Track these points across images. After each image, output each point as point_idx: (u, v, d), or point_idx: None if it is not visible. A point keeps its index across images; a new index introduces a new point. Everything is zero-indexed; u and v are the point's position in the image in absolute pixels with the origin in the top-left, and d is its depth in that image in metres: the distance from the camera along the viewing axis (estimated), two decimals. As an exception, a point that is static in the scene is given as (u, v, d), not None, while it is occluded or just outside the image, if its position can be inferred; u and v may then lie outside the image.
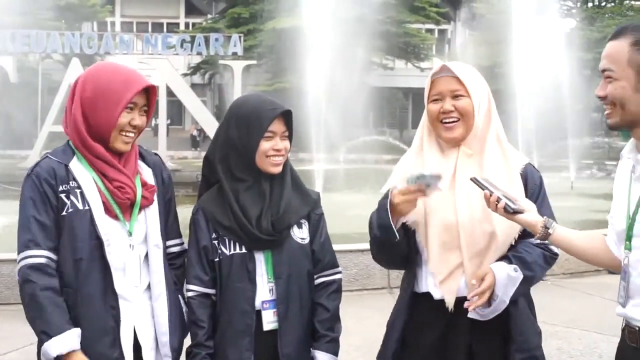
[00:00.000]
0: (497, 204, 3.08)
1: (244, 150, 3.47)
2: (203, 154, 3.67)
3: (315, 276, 3.57)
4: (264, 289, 3.45)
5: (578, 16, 45.29)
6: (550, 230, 3.06)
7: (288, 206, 3.47)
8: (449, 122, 3.36)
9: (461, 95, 3.36)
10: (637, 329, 2.86)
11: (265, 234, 3.41)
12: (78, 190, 3.26)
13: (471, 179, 3.17)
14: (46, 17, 30.94)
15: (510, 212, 3.05)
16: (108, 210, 3.28)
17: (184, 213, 3.70)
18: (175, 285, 3.49)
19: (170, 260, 3.53)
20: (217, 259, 3.45)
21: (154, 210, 3.42)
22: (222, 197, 3.48)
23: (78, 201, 3.25)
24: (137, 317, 3.35)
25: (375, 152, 29.78)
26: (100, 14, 48.00)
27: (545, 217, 3.10)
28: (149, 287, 3.39)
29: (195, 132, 42.84)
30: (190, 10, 56.24)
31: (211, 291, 3.47)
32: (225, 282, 3.44)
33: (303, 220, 3.54)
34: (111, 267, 3.25)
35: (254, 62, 31.81)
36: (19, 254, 3.24)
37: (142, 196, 3.36)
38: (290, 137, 3.54)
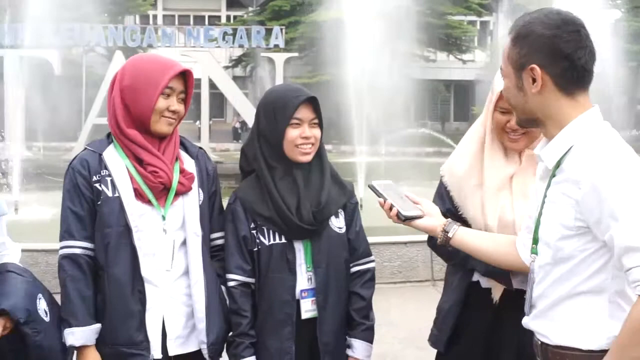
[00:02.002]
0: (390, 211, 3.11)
1: (272, 138, 3.49)
2: (245, 145, 3.68)
3: (350, 265, 3.58)
4: (303, 278, 3.48)
5: (623, 7, 44.64)
6: (450, 234, 3.05)
7: (329, 197, 3.48)
8: (514, 135, 3.36)
9: None
10: (539, 343, 2.72)
11: (306, 224, 3.42)
12: (109, 178, 3.37)
13: (368, 186, 3.23)
14: (89, 10, 31.17)
15: (402, 220, 3.07)
16: (140, 196, 3.36)
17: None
18: (219, 277, 3.51)
19: (215, 252, 3.56)
20: (255, 249, 3.46)
21: (193, 198, 3.46)
22: (260, 186, 3.50)
23: (108, 189, 3.36)
24: (167, 304, 3.40)
25: (416, 144, 29.66)
26: (143, 7, 48.25)
27: (447, 220, 3.08)
28: (185, 274, 3.43)
29: (237, 125, 42.98)
30: (232, 3, 56.40)
31: (251, 280, 3.48)
32: (265, 272, 3.46)
33: (340, 210, 3.55)
34: (139, 253, 3.32)
35: (295, 54, 31.83)
36: (59, 243, 3.42)
37: (179, 182, 3.41)
38: (320, 125, 3.53)
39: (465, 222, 3.42)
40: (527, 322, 2.78)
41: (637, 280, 2.38)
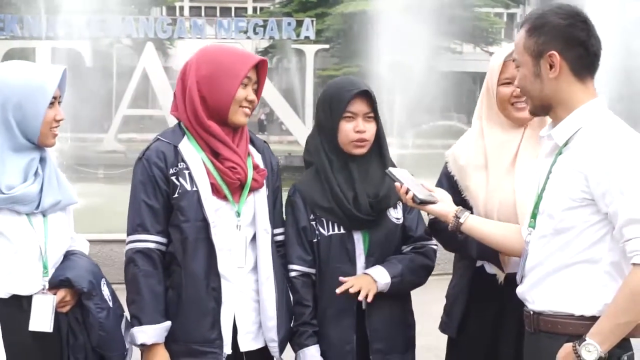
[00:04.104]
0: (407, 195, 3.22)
1: (328, 131, 3.54)
2: (271, 137, 3.73)
3: (405, 246, 3.63)
4: (362, 269, 3.51)
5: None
6: (461, 220, 3.18)
7: (389, 189, 3.48)
8: (520, 104, 3.42)
9: None
10: (532, 313, 2.91)
11: (364, 214, 3.46)
12: (187, 172, 3.31)
13: (385, 172, 3.36)
14: (115, 1, 31.32)
15: (417, 203, 3.19)
16: (217, 191, 3.31)
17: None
18: (283, 274, 3.50)
19: (276, 247, 3.53)
20: (315, 240, 3.50)
21: (262, 194, 3.45)
22: (319, 178, 3.53)
23: (187, 182, 3.31)
24: (238, 300, 3.38)
25: (443, 137, 29.58)
26: (170, -1, 48.37)
27: (459, 207, 3.23)
28: (253, 270, 3.41)
29: (262, 117, 43.08)
30: (258, -6, 56.43)
31: (312, 271, 3.52)
32: (325, 262, 3.50)
33: (398, 201, 3.55)
34: (216, 248, 3.28)
35: (326, 46, 31.88)
36: (128, 236, 3.34)
37: (253, 178, 3.38)
38: (376, 119, 3.56)
39: (464, 205, 3.56)
40: (521, 291, 2.99)
41: (635, 250, 2.65)
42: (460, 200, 3.59)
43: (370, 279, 3.45)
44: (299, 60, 30.73)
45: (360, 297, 3.40)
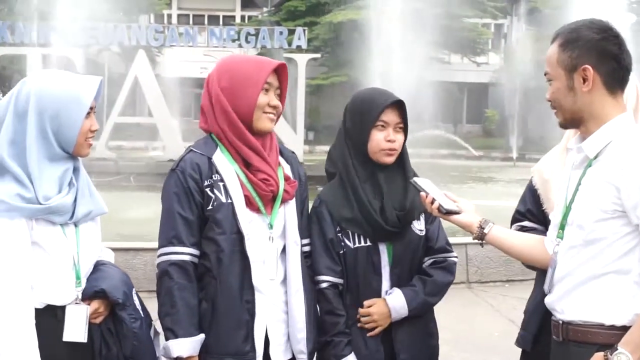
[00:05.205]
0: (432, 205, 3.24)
1: (357, 140, 3.54)
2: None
3: (427, 258, 3.65)
4: (387, 280, 3.55)
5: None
6: (485, 230, 3.19)
7: (413, 201, 3.52)
8: None
9: None
10: (561, 322, 2.96)
11: (390, 226, 3.48)
12: (221, 184, 3.31)
13: (410, 182, 3.38)
14: (103, 9, 31.24)
15: (444, 213, 3.20)
16: (250, 203, 3.31)
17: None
18: (311, 285, 3.51)
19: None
20: (341, 252, 3.51)
21: (292, 206, 3.46)
22: (343, 189, 3.54)
23: (222, 194, 3.30)
24: (270, 312, 3.39)
25: (431, 146, 29.68)
26: (158, 6, 48.14)
27: (483, 218, 3.23)
28: (283, 282, 3.42)
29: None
30: (246, 3, 56.49)
31: (341, 281, 3.53)
32: (351, 273, 3.52)
33: (421, 213, 3.60)
34: (250, 261, 3.29)
35: (317, 55, 31.84)
36: (160, 248, 3.32)
37: (284, 190, 3.39)
38: (404, 129, 3.58)
39: (545, 224, 3.60)
40: (550, 301, 3.02)
41: None
42: (541, 212, 3.66)
43: (386, 314, 3.51)
44: (290, 69, 31.01)
45: (370, 330, 3.52)
